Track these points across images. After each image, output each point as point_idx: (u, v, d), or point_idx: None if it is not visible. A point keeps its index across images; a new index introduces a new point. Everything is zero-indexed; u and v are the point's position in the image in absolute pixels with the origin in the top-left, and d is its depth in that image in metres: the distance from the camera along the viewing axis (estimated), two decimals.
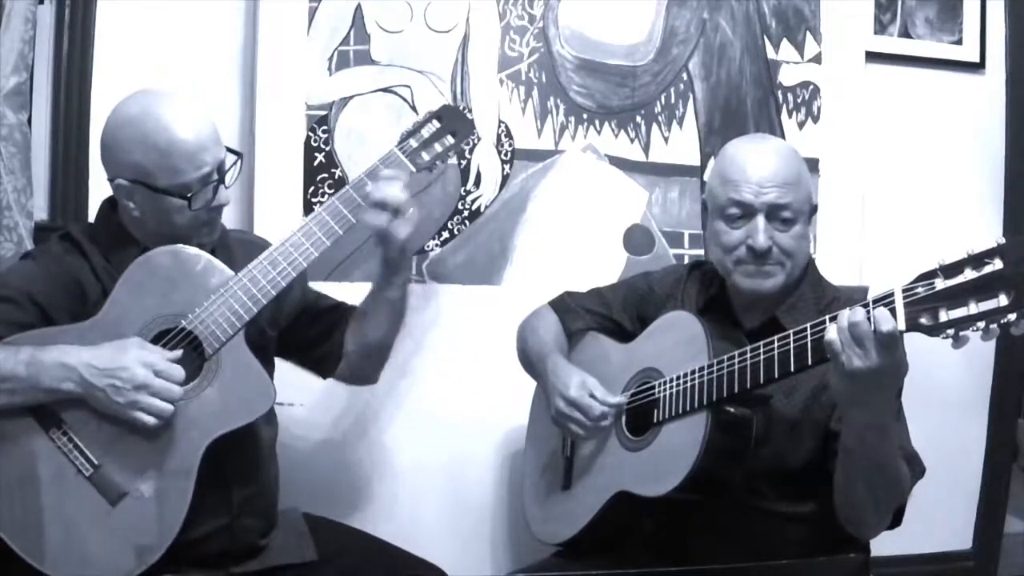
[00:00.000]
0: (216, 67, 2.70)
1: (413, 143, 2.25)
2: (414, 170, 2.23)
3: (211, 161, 2.03)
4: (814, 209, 2.14)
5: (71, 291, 2.04)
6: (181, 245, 2.04)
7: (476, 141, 2.84)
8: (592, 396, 2.16)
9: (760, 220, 2.04)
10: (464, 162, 2.83)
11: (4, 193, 2.49)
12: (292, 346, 2.33)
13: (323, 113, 2.75)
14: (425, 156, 2.26)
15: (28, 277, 2.04)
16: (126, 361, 1.90)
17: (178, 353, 1.97)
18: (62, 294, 2.03)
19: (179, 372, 1.94)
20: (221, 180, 2.06)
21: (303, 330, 2.32)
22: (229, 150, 2.09)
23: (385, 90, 2.80)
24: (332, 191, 2.74)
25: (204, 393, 2.00)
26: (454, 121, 2.30)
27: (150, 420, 1.92)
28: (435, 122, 2.28)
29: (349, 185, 2.17)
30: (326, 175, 2.75)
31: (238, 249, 2.21)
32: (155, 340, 1.99)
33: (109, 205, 2.15)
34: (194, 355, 2.01)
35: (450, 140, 2.29)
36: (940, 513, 3.19)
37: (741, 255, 2.07)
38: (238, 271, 2.05)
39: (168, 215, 2.04)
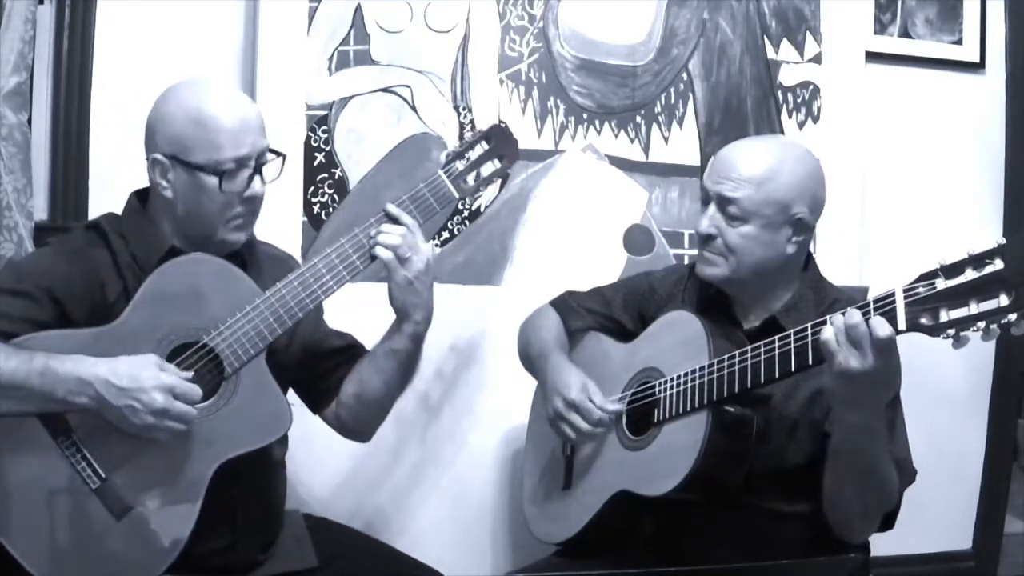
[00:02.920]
0: (216, 67, 2.69)
1: (459, 166, 2.17)
2: (457, 197, 2.15)
3: (249, 145, 1.98)
4: (794, 220, 2.07)
5: (91, 287, 1.99)
6: (210, 255, 2.00)
7: None
8: (591, 400, 2.16)
9: (711, 207, 2.09)
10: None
11: (4, 193, 2.49)
12: (290, 375, 2.22)
13: (323, 113, 2.75)
14: (470, 181, 2.18)
15: (47, 270, 1.99)
16: (145, 383, 1.84)
17: (190, 374, 1.92)
18: (81, 288, 1.98)
19: (197, 393, 1.89)
20: (258, 170, 2.01)
21: (306, 363, 2.24)
22: (272, 151, 2.05)
23: (385, 90, 2.79)
24: (332, 191, 2.74)
25: (219, 413, 1.95)
26: (502, 144, 2.22)
27: (163, 438, 1.88)
28: (483, 144, 2.20)
29: (384, 208, 2.10)
30: (326, 175, 2.75)
31: (266, 264, 2.18)
32: (175, 353, 1.94)
33: (137, 198, 2.11)
34: (213, 372, 1.96)
35: (496, 164, 2.21)
36: (940, 513, 3.19)
37: (697, 239, 2.14)
38: (264, 288, 2.00)
39: (199, 195, 1.99)
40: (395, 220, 2.09)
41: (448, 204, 2.15)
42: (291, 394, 2.19)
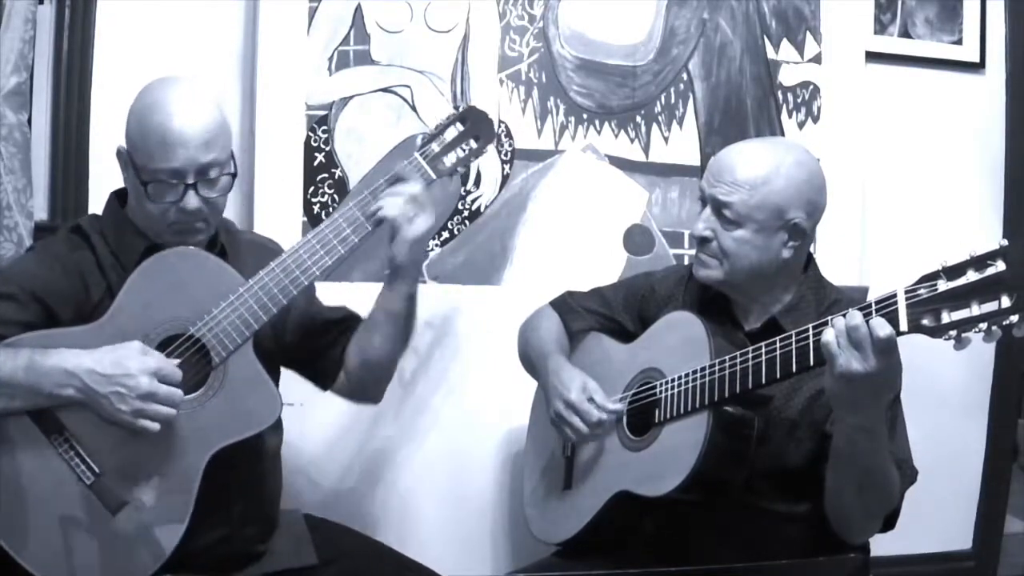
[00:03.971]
0: (216, 67, 2.70)
1: (435, 147, 2.18)
2: (435, 178, 2.16)
3: (182, 159, 1.94)
4: (789, 225, 2.05)
5: (75, 287, 2.00)
6: (193, 247, 2.00)
7: (510, 148, 2.81)
8: (591, 400, 2.16)
9: (706, 210, 2.09)
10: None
11: (4, 193, 2.49)
12: (292, 356, 2.26)
13: (323, 113, 2.75)
14: (446, 162, 2.18)
15: (31, 273, 2.00)
16: (131, 368, 1.85)
17: (176, 361, 1.92)
18: (65, 289, 1.99)
19: (179, 374, 1.89)
20: (193, 185, 1.96)
21: (305, 342, 2.25)
22: (233, 166, 2.03)
23: (385, 90, 2.80)
24: (332, 191, 2.74)
25: (209, 403, 1.95)
26: (478, 124, 2.22)
27: (154, 427, 1.87)
28: (458, 125, 2.21)
29: (367, 191, 2.11)
30: (326, 175, 2.75)
31: (248, 252, 2.18)
32: (162, 345, 1.94)
33: (117, 197, 2.12)
34: (201, 363, 1.96)
35: (473, 144, 2.22)
36: (940, 513, 3.19)
37: (694, 241, 2.13)
38: (247, 275, 2.01)
39: (140, 197, 2.00)
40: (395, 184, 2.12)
41: (426, 185, 2.16)
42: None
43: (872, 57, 3.14)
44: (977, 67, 3.27)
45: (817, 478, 1.98)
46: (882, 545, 2.16)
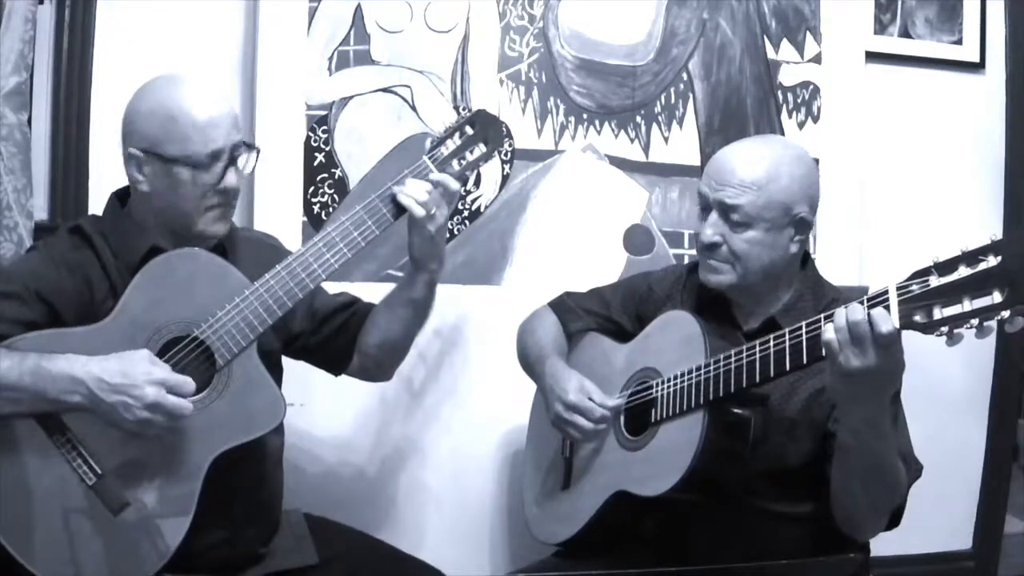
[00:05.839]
0: (216, 67, 2.70)
1: (444, 151, 2.16)
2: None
3: (222, 139, 2.00)
4: (796, 220, 2.07)
5: (79, 287, 2.00)
6: (198, 249, 2.01)
7: (510, 148, 2.83)
8: (590, 399, 2.16)
9: (712, 215, 2.08)
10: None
11: (4, 193, 2.49)
12: (302, 347, 2.29)
13: (323, 113, 2.75)
14: (455, 166, 2.17)
15: (35, 272, 2.00)
16: (138, 378, 1.84)
17: (191, 386, 1.91)
18: (70, 290, 1.99)
19: (190, 386, 1.89)
20: (232, 163, 2.03)
21: (314, 330, 2.28)
22: (246, 144, 2.07)
23: (385, 90, 2.80)
24: (332, 191, 2.75)
25: (213, 406, 1.95)
26: (487, 128, 2.20)
27: (160, 433, 1.88)
28: (468, 128, 2.19)
29: (375, 195, 2.10)
30: (326, 175, 2.75)
31: (246, 248, 2.19)
32: (166, 347, 1.94)
33: (117, 198, 2.12)
34: (205, 365, 1.96)
35: (482, 148, 2.20)
36: (940, 513, 3.18)
37: (699, 247, 2.12)
38: (242, 269, 2.02)
39: (175, 187, 2.00)
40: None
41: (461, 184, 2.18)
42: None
43: (872, 57, 3.14)
44: (977, 67, 3.27)
45: (817, 478, 1.99)
46: (882, 545, 2.16)
